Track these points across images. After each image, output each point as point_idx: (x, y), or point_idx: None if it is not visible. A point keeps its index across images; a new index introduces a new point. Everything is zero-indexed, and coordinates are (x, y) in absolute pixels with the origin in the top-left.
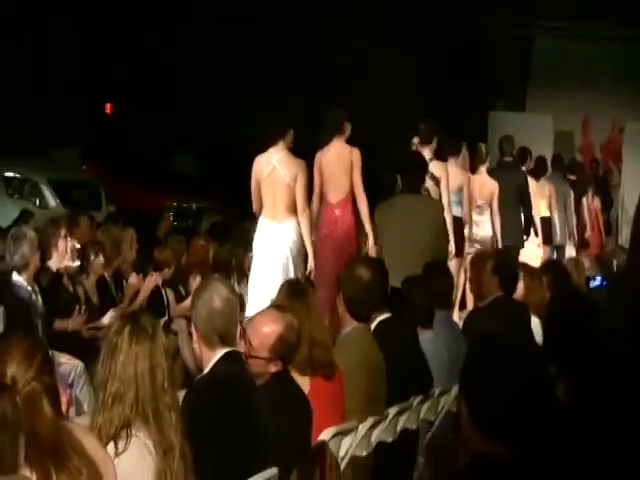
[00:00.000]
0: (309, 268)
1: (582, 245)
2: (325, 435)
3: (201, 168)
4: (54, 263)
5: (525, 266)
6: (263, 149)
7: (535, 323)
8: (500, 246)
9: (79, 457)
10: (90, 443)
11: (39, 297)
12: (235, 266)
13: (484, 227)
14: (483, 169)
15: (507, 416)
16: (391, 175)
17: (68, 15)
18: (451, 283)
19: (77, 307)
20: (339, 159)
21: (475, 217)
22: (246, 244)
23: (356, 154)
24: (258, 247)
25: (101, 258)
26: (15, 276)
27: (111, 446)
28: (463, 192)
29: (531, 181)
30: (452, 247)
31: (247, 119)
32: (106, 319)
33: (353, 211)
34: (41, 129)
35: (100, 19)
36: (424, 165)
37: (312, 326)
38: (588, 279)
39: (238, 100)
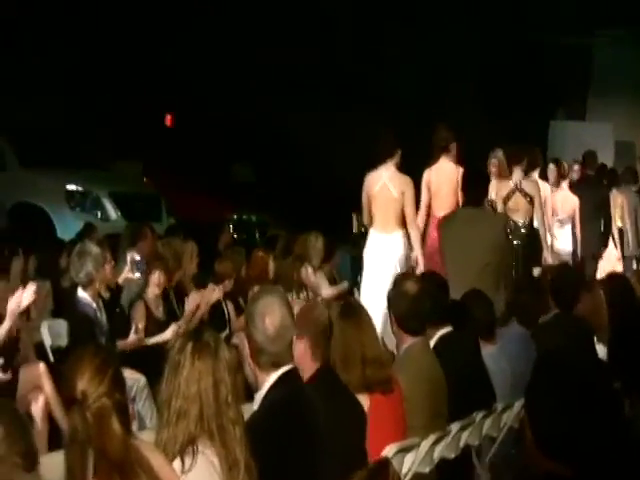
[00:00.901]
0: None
1: None
2: (388, 452)
3: (262, 178)
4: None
5: (584, 281)
6: (374, 166)
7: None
8: (579, 259)
9: (147, 475)
10: (157, 461)
11: (103, 313)
12: (296, 280)
13: (564, 241)
14: (565, 184)
15: (572, 435)
16: None
17: (128, 29)
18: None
19: (133, 327)
20: (447, 177)
21: (555, 230)
22: (304, 257)
23: (461, 173)
24: (369, 256)
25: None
26: (80, 292)
27: (177, 463)
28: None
29: None
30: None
31: (309, 131)
32: (168, 333)
33: None
34: (103, 142)
35: (161, 33)
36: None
37: (364, 345)
38: None
39: (299, 112)
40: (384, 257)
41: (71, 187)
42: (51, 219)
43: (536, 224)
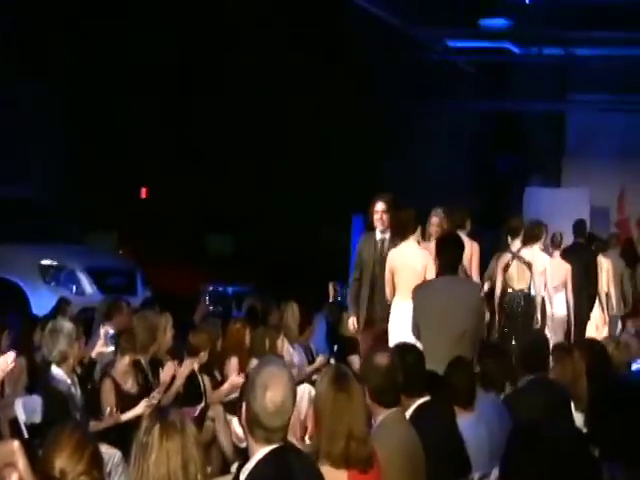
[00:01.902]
0: None
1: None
2: None
3: (238, 249)
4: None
5: (557, 345)
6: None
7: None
8: (572, 322)
9: None
10: None
11: (78, 389)
12: (269, 349)
13: (559, 306)
14: (557, 253)
15: None
16: None
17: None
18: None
19: (106, 408)
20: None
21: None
22: (280, 328)
23: (475, 247)
24: (396, 323)
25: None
26: (54, 368)
27: None
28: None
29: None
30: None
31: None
32: (139, 408)
33: None
34: (77, 214)
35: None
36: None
37: (352, 418)
38: (629, 362)
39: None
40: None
41: (45, 262)
42: (26, 294)
43: (532, 292)
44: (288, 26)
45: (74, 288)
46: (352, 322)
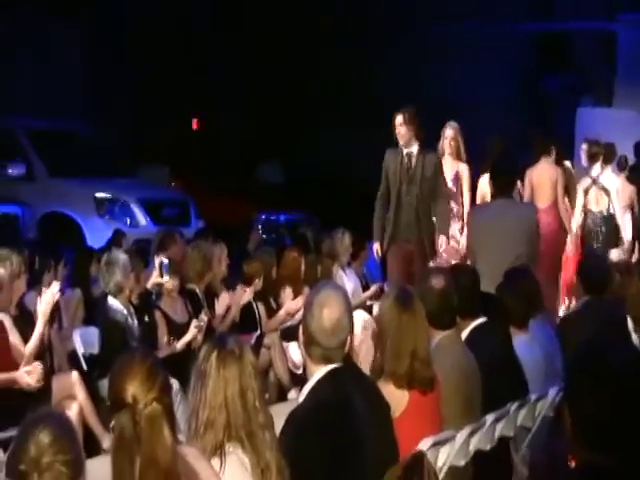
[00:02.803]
0: None
1: None
2: (423, 445)
3: (289, 178)
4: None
5: (618, 264)
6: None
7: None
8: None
9: None
10: (201, 467)
11: (135, 319)
12: (322, 277)
13: (627, 227)
14: (623, 175)
15: (614, 426)
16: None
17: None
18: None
19: (167, 338)
20: (547, 175)
21: None
22: (332, 255)
23: (561, 172)
24: None
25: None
26: (110, 300)
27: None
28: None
29: None
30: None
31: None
32: (189, 334)
33: (557, 216)
34: (130, 148)
35: (182, 38)
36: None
37: (416, 338)
38: None
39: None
40: None
41: (100, 195)
42: (81, 227)
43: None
44: None
45: (128, 220)
46: (376, 248)
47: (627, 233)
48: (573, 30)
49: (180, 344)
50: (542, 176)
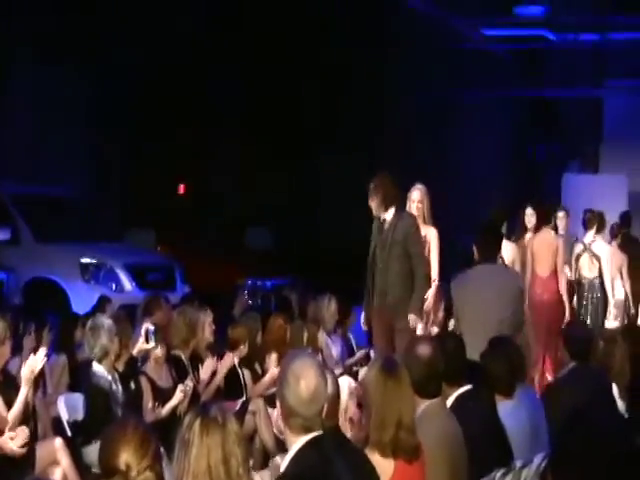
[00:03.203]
0: None
1: None
2: None
3: (277, 243)
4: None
5: (603, 332)
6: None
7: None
8: (632, 309)
9: None
10: None
11: (119, 385)
12: (307, 342)
13: (618, 291)
14: (614, 242)
15: None
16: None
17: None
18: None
19: (151, 404)
20: (546, 243)
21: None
22: (318, 321)
23: (561, 242)
24: None
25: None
26: (95, 365)
27: None
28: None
29: None
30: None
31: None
32: (175, 399)
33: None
34: (116, 212)
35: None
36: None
37: (402, 407)
38: None
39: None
40: None
41: (85, 260)
42: (66, 293)
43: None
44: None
45: (114, 285)
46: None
47: (617, 295)
48: (561, 96)
49: (166, 409)
50: (543, 245)
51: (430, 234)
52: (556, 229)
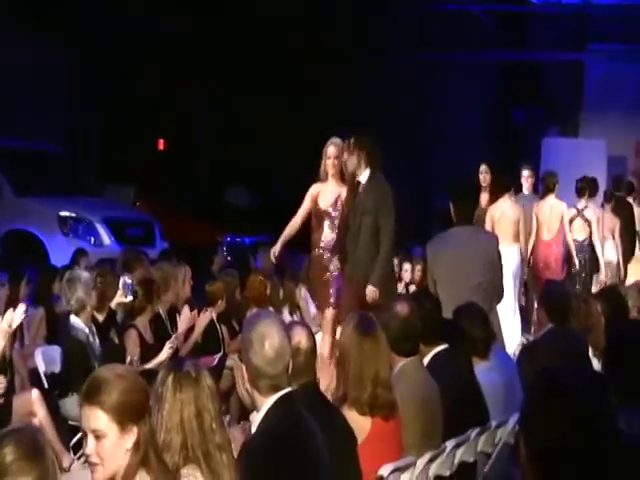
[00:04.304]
0: None
1: None
2: (384, 471)
3: (255, 201)
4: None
5: (581, 294)
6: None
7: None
8: (623, 268)
9: None
10: None
11: (96, 338)
12: (285, 299)
13: (610, 252)
14: (608, 207)
15: (569, 453)
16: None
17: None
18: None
19: (128, 356)
20: (551, 209)
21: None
22: (296, 277)
23: (565, 208)
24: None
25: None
26: (72, 318)
27: None
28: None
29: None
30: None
31: (301, 153)
32: (164, 354)
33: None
34: (95, 167)
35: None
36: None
37: (378, 364)
38: None
39: (293, 133)
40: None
41: (64, 213)
42: (44, 245)
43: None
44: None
45: (92, 239)
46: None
47: (607, 256)
48: (542, 60)
49: (153, 364)
50: (546, 211)
51: (344, 193)
52: (520, 189)
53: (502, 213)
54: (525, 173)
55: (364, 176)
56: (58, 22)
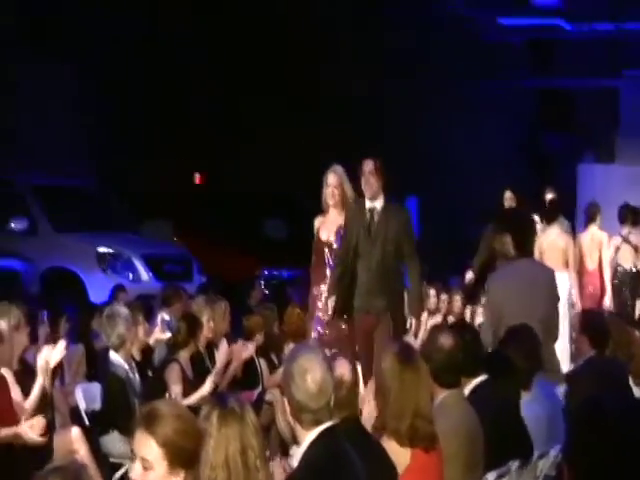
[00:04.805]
0: None
1: None
2: None
3: (293, 234)
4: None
5: (614, 322)
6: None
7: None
8: None
9: None
10: None
11: (136, 374)
12: None
13: None
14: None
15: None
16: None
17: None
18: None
19: (172, 390)
20: (592, 240)
21: None
22: None
23: (605, 238)
24: None
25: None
26: (112, 354)
27: None
28: None
29: None
30: None
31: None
32: (206, 388)
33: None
34: (133, 203)
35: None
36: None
37: (419, 395)
38: None
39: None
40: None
41: (102, 249)
42: (83, 282)
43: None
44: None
45: (130, 275)
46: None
47: None
48: (575, 87)
49: (194, 398)
50: (588, 240)
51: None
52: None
53: (551, 241)
54: (549, 196)
55: (378, 202)
56: (94, 59)
